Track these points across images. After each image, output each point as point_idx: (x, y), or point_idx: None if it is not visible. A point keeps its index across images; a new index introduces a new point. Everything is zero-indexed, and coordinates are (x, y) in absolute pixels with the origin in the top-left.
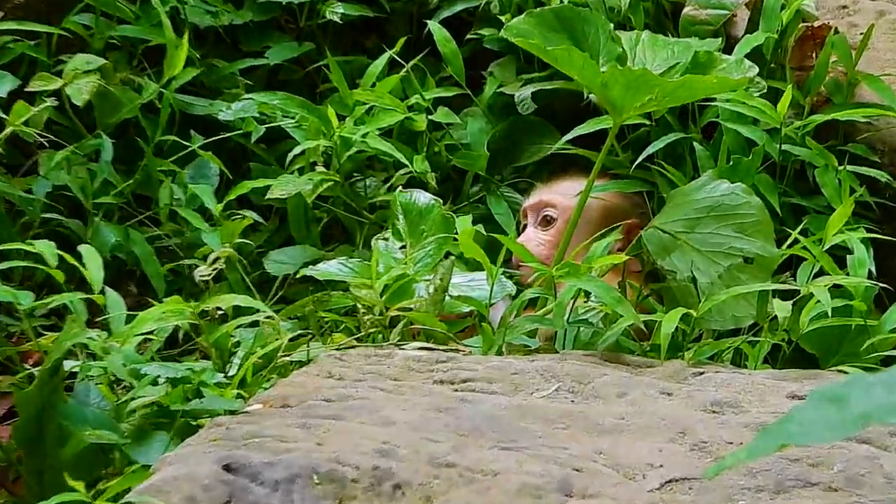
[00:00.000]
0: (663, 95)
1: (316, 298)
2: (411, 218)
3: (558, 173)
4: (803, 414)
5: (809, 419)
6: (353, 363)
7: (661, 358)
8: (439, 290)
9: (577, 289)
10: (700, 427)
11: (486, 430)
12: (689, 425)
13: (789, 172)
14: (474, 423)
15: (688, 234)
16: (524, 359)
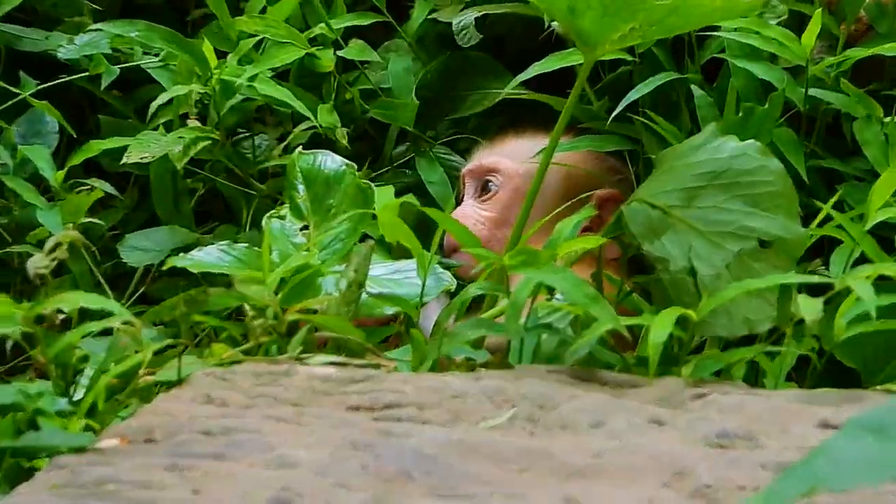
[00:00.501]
0: (650, 24)
1: (189, 297)
2: (315, 189)
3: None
4: (838, 448)
5: (846, 456)
6: (239, 384)
7: (650, 375)
8: (353, 285)
9: (536, 283)
10: (702, 467)
11: (416, 475)
12: (687, 464)
13: (819, 126)
14: (401, 464)
15: (684, 210)
16: (467, 377)
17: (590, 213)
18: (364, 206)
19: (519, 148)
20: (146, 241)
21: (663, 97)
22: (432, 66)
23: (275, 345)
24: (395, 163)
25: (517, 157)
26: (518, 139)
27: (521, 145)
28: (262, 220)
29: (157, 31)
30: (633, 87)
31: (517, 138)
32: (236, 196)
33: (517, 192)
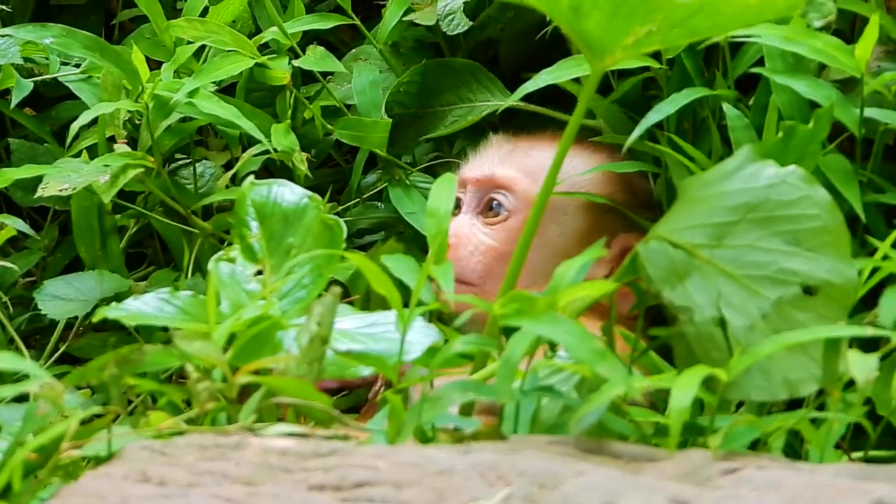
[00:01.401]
0: (670, 26)
1: (120, 356)
2: (271, 226)
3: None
4: None
5: None
6: (181, 458)
7: (671, 446)
8: (317, 341)
9: (535, 337)
10: None
11: None
12: None
13: (876, 150)
14: None
15: (712, 249)
16: (454, 450)
17: (599, 254)
18: (331, 245)
19: (544, 164)
20: (68, 289)
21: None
22: (406, 77)
23: (223, 412)
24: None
25: (540, 176)
26: (545, 151)
27: (543, 158)
28: (208, 264)
29: (77, 38)
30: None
31: (544, 150)
32: (175, 235)
33: None
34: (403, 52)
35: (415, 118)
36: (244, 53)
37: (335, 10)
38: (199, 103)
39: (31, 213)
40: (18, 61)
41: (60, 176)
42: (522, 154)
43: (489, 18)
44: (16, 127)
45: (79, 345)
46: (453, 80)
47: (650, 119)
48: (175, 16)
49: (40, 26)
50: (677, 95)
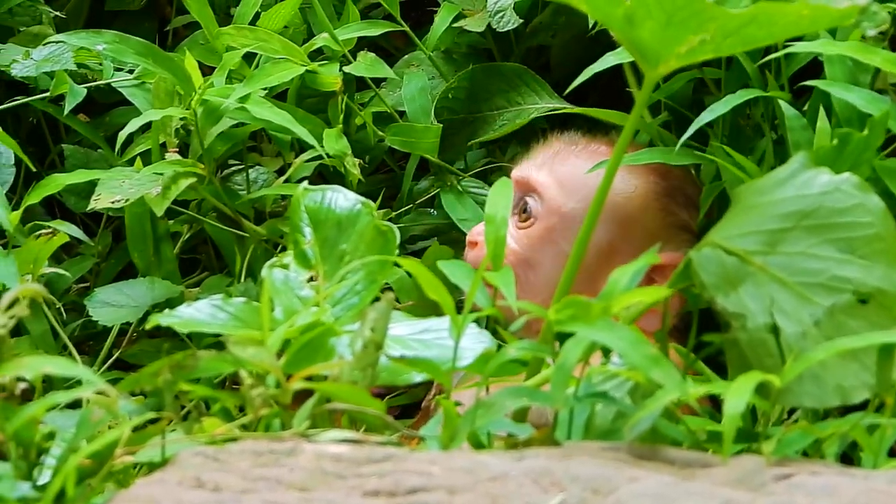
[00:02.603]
0: (724, 36)
1: (174, 362)
2: (325, 232)
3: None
4: None
5: None
6: (234, 465)
7: (724, 452)
8: (371, 347)
9: (589, 343)
10: None
11: None
12: None
13: None
14: None
15: (765, 256)
16: (507, 456)
17: (653, 260)
18: (384, 251)
19: (576, 174)
20: (119, 296)
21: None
22: (454, 83)
23: (277, 418)
24: (417, 200)
25: (569, 187)
26: (582, 161)
27: (580, 169)
28: (262, 270)
29: (130, 44)
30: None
31: (582, 159)
32: (228, 240)
33: (550, 233)
34: (456, 59)
35: (464, 123)
36: (294, 61)
37: (387, 17)
38: (252, 109)
39: (84, 218)
40: (72, 67)
41: (113, 185)
42: (561, 160)
43: (541, 24)
44: (69, 133)
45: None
46: (502, 84)
47: (704, 118)
48: (228, 22)
49: (93, 33)
50: (731, 96)
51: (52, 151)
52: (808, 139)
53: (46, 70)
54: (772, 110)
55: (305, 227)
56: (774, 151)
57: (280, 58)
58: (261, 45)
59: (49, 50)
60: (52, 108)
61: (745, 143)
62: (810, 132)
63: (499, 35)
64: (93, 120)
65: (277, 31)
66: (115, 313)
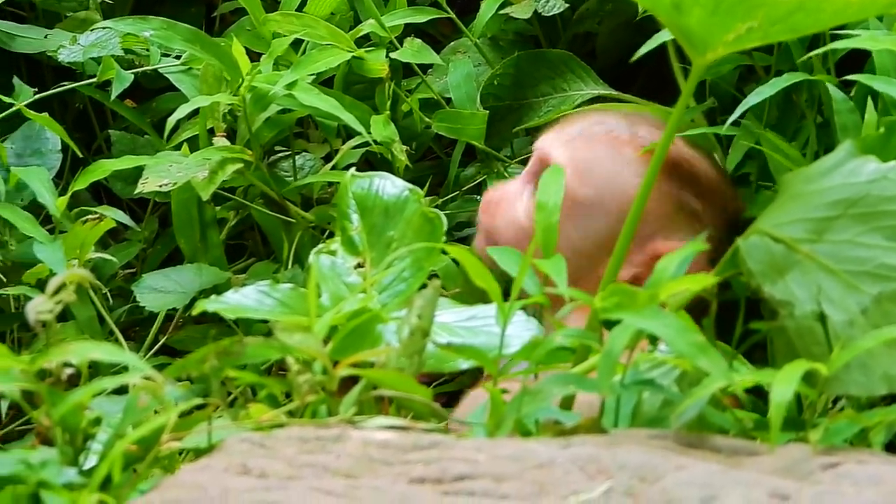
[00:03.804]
0: (771, 23)
1: (221, 348)
2: (372, 219)
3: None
4: None
5: None
6: (281, 451)
7: (771, 441)
8: (418, 334)
9: (636, 330)
10: None
11: None
12: None
13: None
14: None
15: (812, 244)
16: (554, 443)
17: (700, 248)
18: (431, 238)
19: (594, 161)
20: (166, 282)
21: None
22: (500, 70)
23: (324, 405)
24: (464, 187)
25: (585, 173)
26: (602, 145)
27: (600, 157)
28: (308, 256)
29: (177, 30)
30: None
31: (602, 143)
32: (275, 226)
33: None
34: (503, 46)
35: (510, 110)
36: (340, 47)
37: (433, 4)
38: (299, 95)
39: (131, 204)
40: (119, 53)
41: (160, 170)
42: (584, 143)
43: (588, 11)
44: (116, 118)
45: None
46: (547, 70)
47: (750, 100)
48: (275, 8)
49: (140, 19)
50: (778, 79)
51: (99, 137)
52: (856, 123)
53: (93, 56)
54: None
55: (353, 214)
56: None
57: (326, 44)
58: (307, 32)
59: (96, 35)
60: (99, 93)
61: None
62: (857, 116)
63: (545, 22)
64: (139, 105)
65: (324, 17)
66: (162, 299)
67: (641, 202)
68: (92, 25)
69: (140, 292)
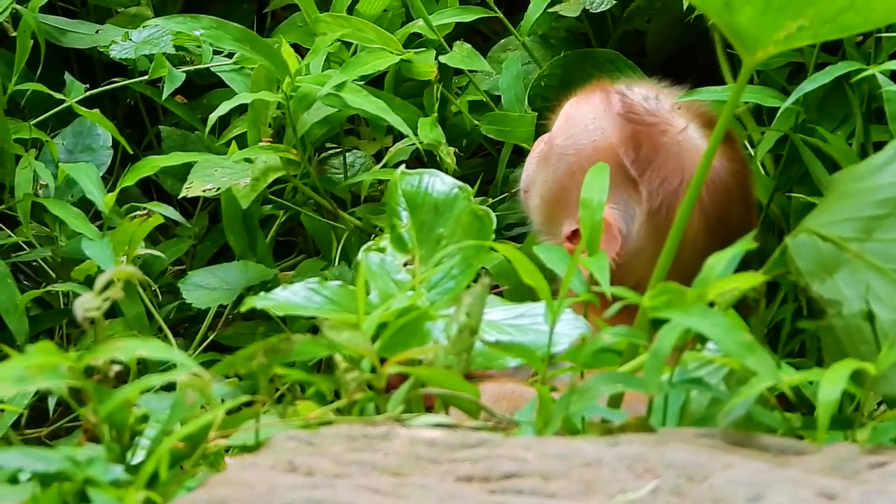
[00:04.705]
0: (822, 22)
1: (269, 346)
2: (421, 216)
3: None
4: None
5: None
6: (328, 449)
7: (819, 440)
8: (466, 331)
9: (684, 329)
10: None
11: None
12: None
13: None
14: None
15: (861, 243)
16: (601, 442)
17: (749, 247)
18: (480, 236)
19: (581, 116)
20: (212, 279)
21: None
22: (547, 70)
23: (371, 403)
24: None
25: (568, 124)
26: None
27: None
28: (358, 253)
29: (228, 30)
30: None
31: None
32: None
33: (540, 161)
34: (553, 43)
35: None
36: (389, 50)
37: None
38: (346, 97)
39: (181, 200)
40: (170, 50)
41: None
42: (584, 99)
43: (637, 9)
44: (167, 114)
45: (227, 334)
46: (595, 70)
47: (804, 87)
48: (328, 4)
49: (191, 17)
50: (833, 67)
51: (150, 133)
52: None
53: (145, 52)
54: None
55: (402, 211)
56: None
57: (375, 47)
58: (355, 34)
59: (148, 32)
60: (150, 90)
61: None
62: None
63: (595, 20)
64: (190, 102)
65: (376, 15)
66: (209, 296)
67: (696, 188)
68: (143, 21)
69: (186, 289)
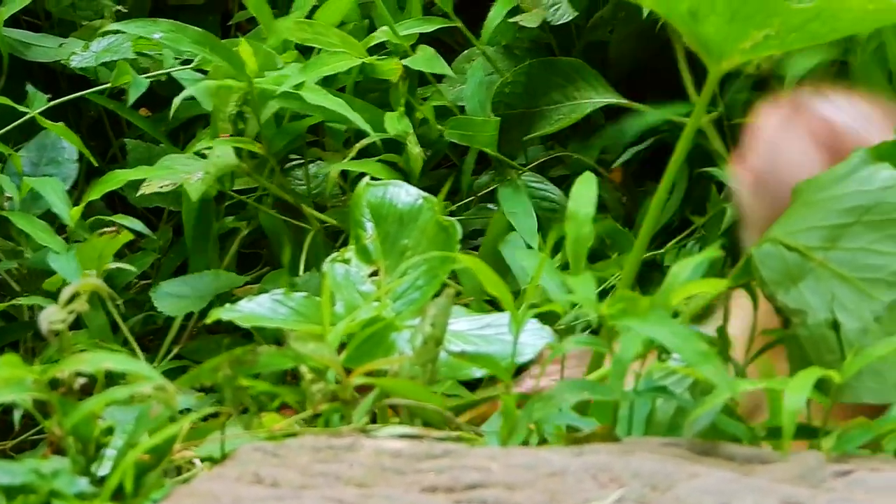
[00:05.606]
0: (788, 31)
1: (234, 357)
2: (386, 227)
3: None
4: None
5: None
6: (293, 460)
7: (784, 448)
8: (431, 342)
9: (646, 339)
10: None
11: None
12: None
13: None
14: None
15: (826, 252)
16: (567, 451)
17: (715, 254)
18: (445, 247)
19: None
20: (183, 287)
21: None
22: (510, 78)
23: (337, 414)
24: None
25: (758, 136)
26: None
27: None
28: (322, 261)
29: (187, 33)
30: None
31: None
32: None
33: None
34: (518, 54)
35: (522, 118)
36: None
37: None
38: (305, 95)
39: (146, 213)
40: (130, 56)
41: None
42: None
43: (601, 19)
44: (132, 127)
45: (192, 346)
46: (559, 78)
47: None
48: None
49: (150, 21)
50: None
51: (115, 145)
52: None
53: (105, 60)
54: None
55: (367, 223)
56: None
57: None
58: (318, 39)
59: (108, 41)
60: (114, 103)
61: None
62: None
63: (559, 30)
64: (155, 114)
65: (335, 24)
66: (179, 303)
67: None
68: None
69: (157, 298)
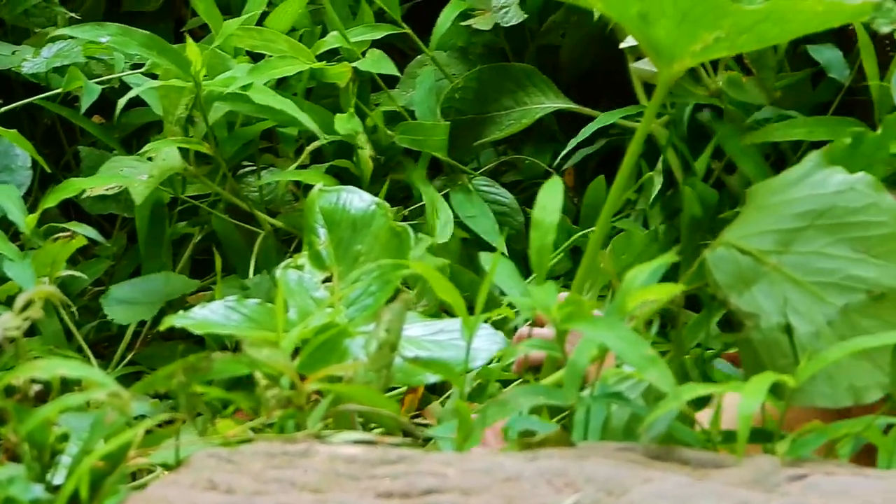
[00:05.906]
0: (738, 33)
1: (188, 364)
2: (339, 233)
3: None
4: None
5: None
6: (248, 466)
7: (738, 453)
8: (385, 347)
9: (600, 344)
10: None
11: None
12: None
13: None
14: None
15: (779, 255)
16: (522, 456)
17: (672, 259)
18: (398, 253)
19: None
20: (133, 292)
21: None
22: (461, 83)
23: (291, 420)
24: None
25: None
26: None
27: None
28: (276, 270)
29: (134, 36)
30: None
31: None
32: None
33: None
34: (471, 58)
35: (473, 123)
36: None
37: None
38: (254, 96)
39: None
40: (81, 61)
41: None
42: None
43: (554, 24)
44: (85, 134)
45: (146, 353)
46: (510, 84)
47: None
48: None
49: (97, 25)
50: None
51: (68, 153)
52: None
53: (57, 65)
54: None
55: (320, 228)
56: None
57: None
58: (267, 45)
59: (58, 46)
60: (67, 110)
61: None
62: None
63: (512, 34)
64: (108, 121)
65: (285, 31)
66: (130, 310)
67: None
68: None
69: (108, 305)
